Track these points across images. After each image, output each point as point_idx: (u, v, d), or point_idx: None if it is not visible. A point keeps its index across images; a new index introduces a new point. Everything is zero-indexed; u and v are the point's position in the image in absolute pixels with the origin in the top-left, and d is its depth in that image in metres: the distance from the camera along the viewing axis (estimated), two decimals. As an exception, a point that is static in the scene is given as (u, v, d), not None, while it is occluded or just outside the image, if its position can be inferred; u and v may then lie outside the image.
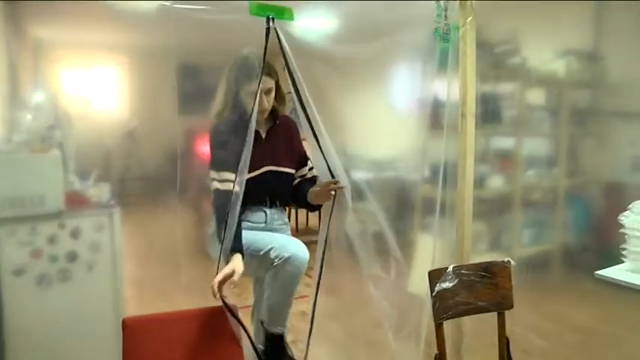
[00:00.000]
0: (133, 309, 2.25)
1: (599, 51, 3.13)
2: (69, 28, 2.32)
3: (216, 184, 1.86)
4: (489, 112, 2.90)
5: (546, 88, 3.28)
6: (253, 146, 1.81)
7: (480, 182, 2.85)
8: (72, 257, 2.23)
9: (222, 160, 1.85)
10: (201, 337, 1.74)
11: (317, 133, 1.90)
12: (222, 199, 1.81)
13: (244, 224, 1.89)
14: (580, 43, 3.14)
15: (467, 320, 2.21)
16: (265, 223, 1.98)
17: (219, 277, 1.68)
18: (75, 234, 2.23)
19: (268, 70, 1.82)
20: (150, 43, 2.45)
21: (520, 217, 3.12)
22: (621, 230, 1.87)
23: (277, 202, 2.01)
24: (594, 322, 2.78)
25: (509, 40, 3.04)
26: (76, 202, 2.24)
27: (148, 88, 2.48)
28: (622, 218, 1.86)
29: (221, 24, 2.26)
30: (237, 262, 1.73)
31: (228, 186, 1.81)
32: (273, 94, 1.90)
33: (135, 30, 2.36)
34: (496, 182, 3.01)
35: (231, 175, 1.81)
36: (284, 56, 1.84)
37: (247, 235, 1.84)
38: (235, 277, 1.69)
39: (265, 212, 1.98)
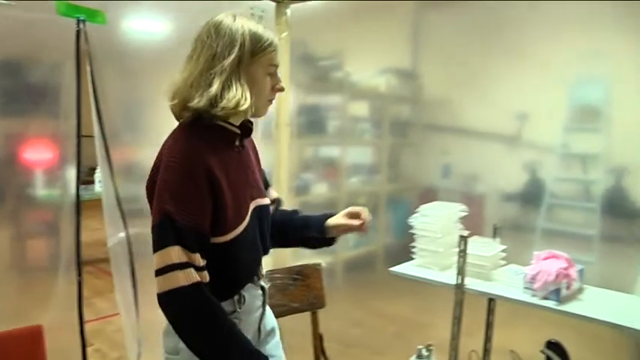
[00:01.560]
0: None
1: (415, 70, 3.50)
2: None
3: (187, 278, 1.05)
4: (314, 123, 3.07)
5: (369, 102, 3.56)
6: (234, 167, 1.19)
7: (304, 189, 3.00)
8: None
9: (202, 229, 1.09)
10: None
11: (106, 137, 1.78)
12: (200, 302, 1.07)
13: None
14: (399, 62, 3.48)
15: (286, 321, 2.29)
16: (263, 303, 1.32)
17: None
18: None
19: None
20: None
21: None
22: (410, 231, 2.10)
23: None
24: (409, 313, 3.10)
25: (333, 56, 3.26)
26: None
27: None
28: (411, 220, 2.10)
29: (30, 22, 2.06)
30: None
31: (203, 276, 1.10)
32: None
33: None
34: (321, 189, 3.17)
35: (201, 259, 1.09)
36: (89, 58, 1.77)
37: None
38: None
39: (263, 287, 1.31)
